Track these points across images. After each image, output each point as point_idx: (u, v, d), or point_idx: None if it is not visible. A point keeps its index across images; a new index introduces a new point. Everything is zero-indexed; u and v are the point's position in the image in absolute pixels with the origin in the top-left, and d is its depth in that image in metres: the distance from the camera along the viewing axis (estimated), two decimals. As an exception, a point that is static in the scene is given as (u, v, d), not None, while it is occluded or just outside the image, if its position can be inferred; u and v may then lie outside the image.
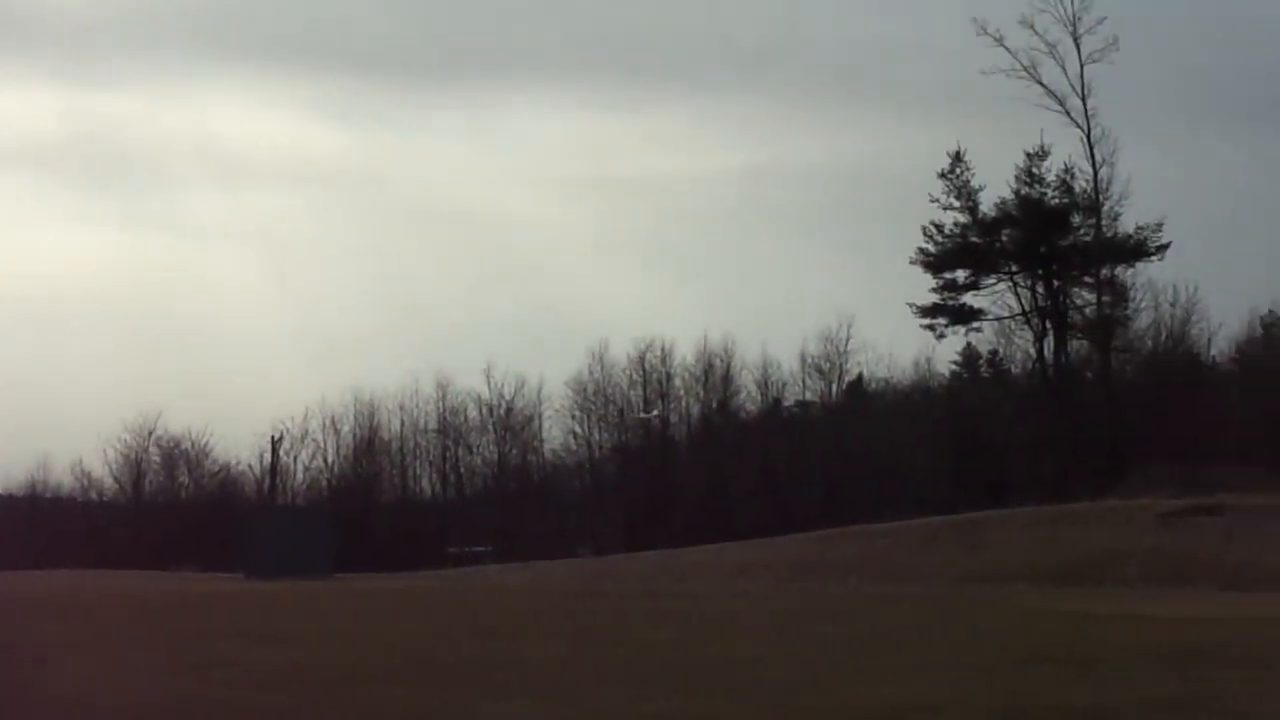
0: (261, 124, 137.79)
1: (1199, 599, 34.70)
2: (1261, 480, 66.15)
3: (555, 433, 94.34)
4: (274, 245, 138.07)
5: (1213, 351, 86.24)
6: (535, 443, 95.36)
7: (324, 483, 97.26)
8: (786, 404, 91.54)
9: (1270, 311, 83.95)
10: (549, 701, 14.70)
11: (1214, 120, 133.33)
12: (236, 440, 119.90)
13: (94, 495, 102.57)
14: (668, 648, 21.62)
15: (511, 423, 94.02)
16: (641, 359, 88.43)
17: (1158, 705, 13.79)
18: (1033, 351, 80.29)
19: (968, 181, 78.02)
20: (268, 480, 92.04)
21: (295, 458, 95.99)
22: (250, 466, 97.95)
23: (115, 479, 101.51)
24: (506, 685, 16.32)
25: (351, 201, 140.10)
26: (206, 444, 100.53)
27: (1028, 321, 79.48)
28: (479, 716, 13.93)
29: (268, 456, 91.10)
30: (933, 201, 78.52)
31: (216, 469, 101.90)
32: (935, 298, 78.97)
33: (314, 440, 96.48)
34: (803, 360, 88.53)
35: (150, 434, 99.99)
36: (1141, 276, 79.34)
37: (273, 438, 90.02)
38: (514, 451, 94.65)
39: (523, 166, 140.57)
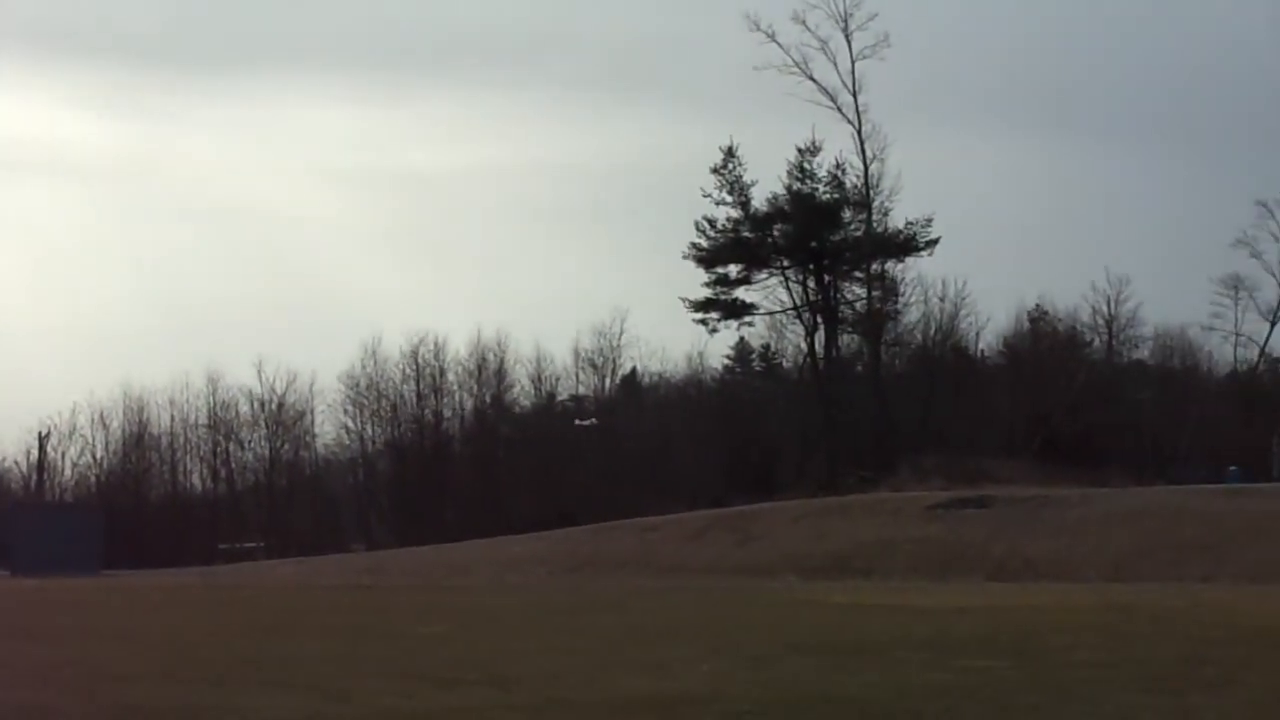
0: (20, 116, 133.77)
1: (965, 589, 35.24)
2: (1027, 472, 67.63)
3: (328, 428, 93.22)
4: (38, 240, 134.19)
5: (981, 345, 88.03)
6: (307, 438, 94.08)
7: (92, 479, 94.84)
8: (560, 398, 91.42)
9: (1037, 306, 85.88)
10: (316, 697, 14.28)
11: (984, 117, 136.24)
12: (2, 436, 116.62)
13: None
14: (437, 642, 21.29)
15: (283, 417, 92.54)
16: (415, 353, 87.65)
17: (923, 693, 13.78)
18: (804, 345, 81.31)
19: (740, 177, 78.66)
20: (34, 476, 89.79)
21: (63, 454, 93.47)
22: (16, 463, 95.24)
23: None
24: (275, 681, 15.87)
25: (119, 195, 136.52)
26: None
27: (799, 316, 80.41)
28: (246, 712, 13.45)
29: (35, 453, 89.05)
30: (705, 196, 79.09)
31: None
32: (708, 292, 79.56)
33: (82, 436, 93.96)
34: (576, 354, 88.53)
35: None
36: (911, 271, 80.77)
37: (40, 434, 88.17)
38: (286, 446, 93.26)
39: (292, 159, 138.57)
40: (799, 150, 78.72)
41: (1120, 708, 12.76)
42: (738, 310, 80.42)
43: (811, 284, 79.72)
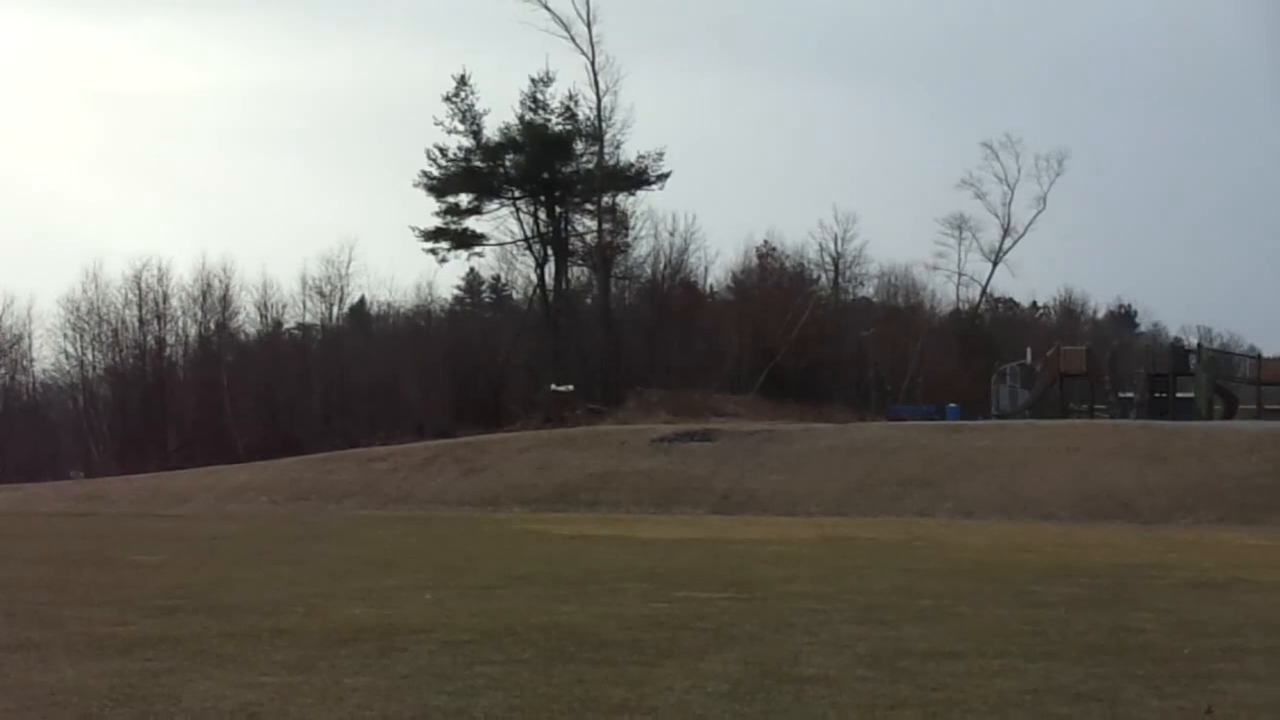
0: None
1: (689, 522, 35.64)
2: (752, 407, 68.70)
3: (46, 352, 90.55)
4: None
5: (710, 280, 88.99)
6: (25, 362, 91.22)
7: None
8: (287, 326, 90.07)
9: (765, 242, 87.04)
10: (28, 624, 13.80)
11: (716, 54, 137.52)
12: None
13: None
14: (155, 570, 20.81)
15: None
16: (138, 278, 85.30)
17: (643, 624, 13.84)
18: (534, 277, 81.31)
19: (472, 106, 78.23)
20: None
21: None
22: None
23: None
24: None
25: None
26: None
27: (529, 247, 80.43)
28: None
29: None
30: (437, 125, 78.51)
31: None
32: (438, 222, 79.16)
33: None
34: (304, 282, 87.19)
35: None
36: (642, 205, 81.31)
37: None
38: (2, 371, 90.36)
39: (15, 78, 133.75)
40: (532, 81, 78.56)
41: (837, 637, 12.96)
42: (468, 240, 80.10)
43: (542, 215, 79.74)
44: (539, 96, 78.52)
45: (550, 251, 79.77)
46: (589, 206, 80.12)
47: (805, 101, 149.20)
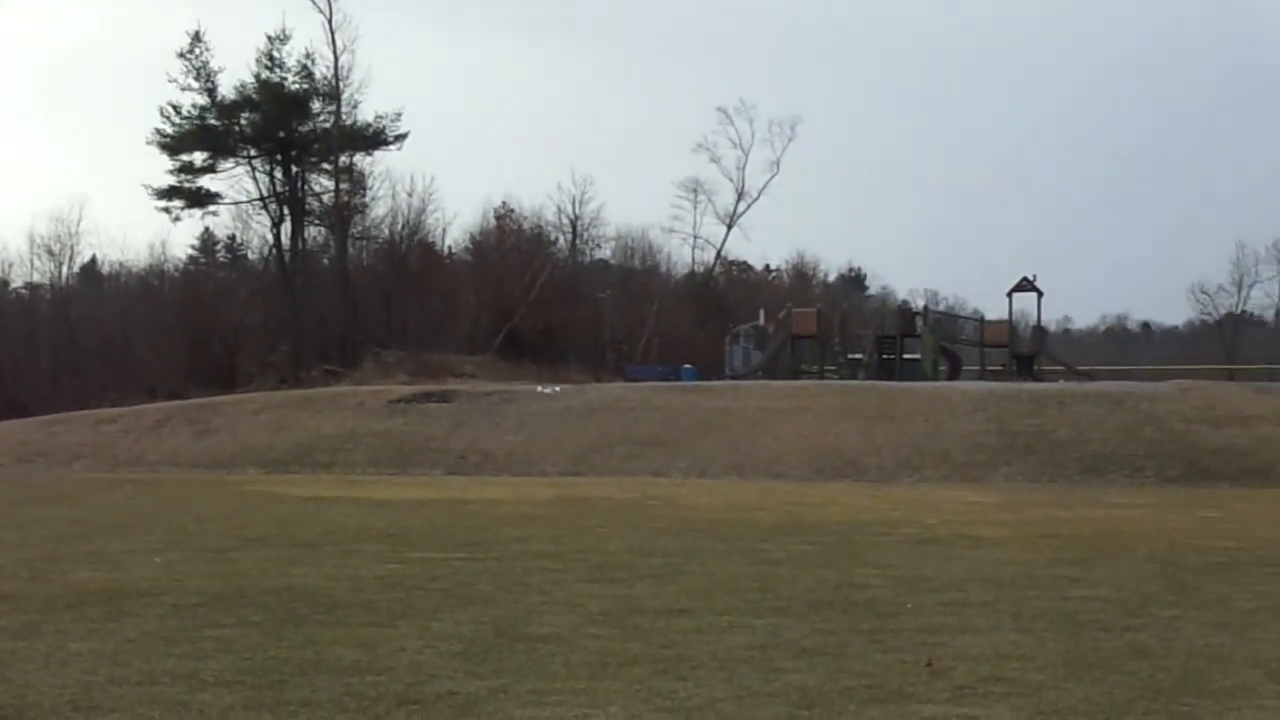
0: None
1: (425, 483, 35.54)
2: (490, 368, 68.67)
3: None
4: None
5: (448, 241, 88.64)
6: None
7: None
8: (14, 285, 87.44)
9: (503, 204, 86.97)
10: None
11: (455, 14, 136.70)
12: None
13: None
14: None
15: None
16: None
17: (377, 585, 13.81)
18: (270, 237, 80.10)
19: (207, 63, 76.76)
20: None
21: None
22: None
23: None
24: None
25: None
26: None
27: (265, 207, 79.20)
28: None
29: None
30: (171, 82, 76.83)
31: None
32: (172, 180, 77.51)
33: None
34: (31, 241, 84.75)
35: None
36: (380, 165, 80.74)
37: None
38: None
39: None
40: (268, 38, 77.31)
41: (570, 596, 13.07)
42: (202, 199, 78.67)
43: (279, 175, 78.58)
44: (275, 55, 77.34)
45: (286, 211, 78.64)
46: (326, 166, 79.23)
47: (544, 64, 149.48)
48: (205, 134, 76.95)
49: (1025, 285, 67.69)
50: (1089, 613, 12.15)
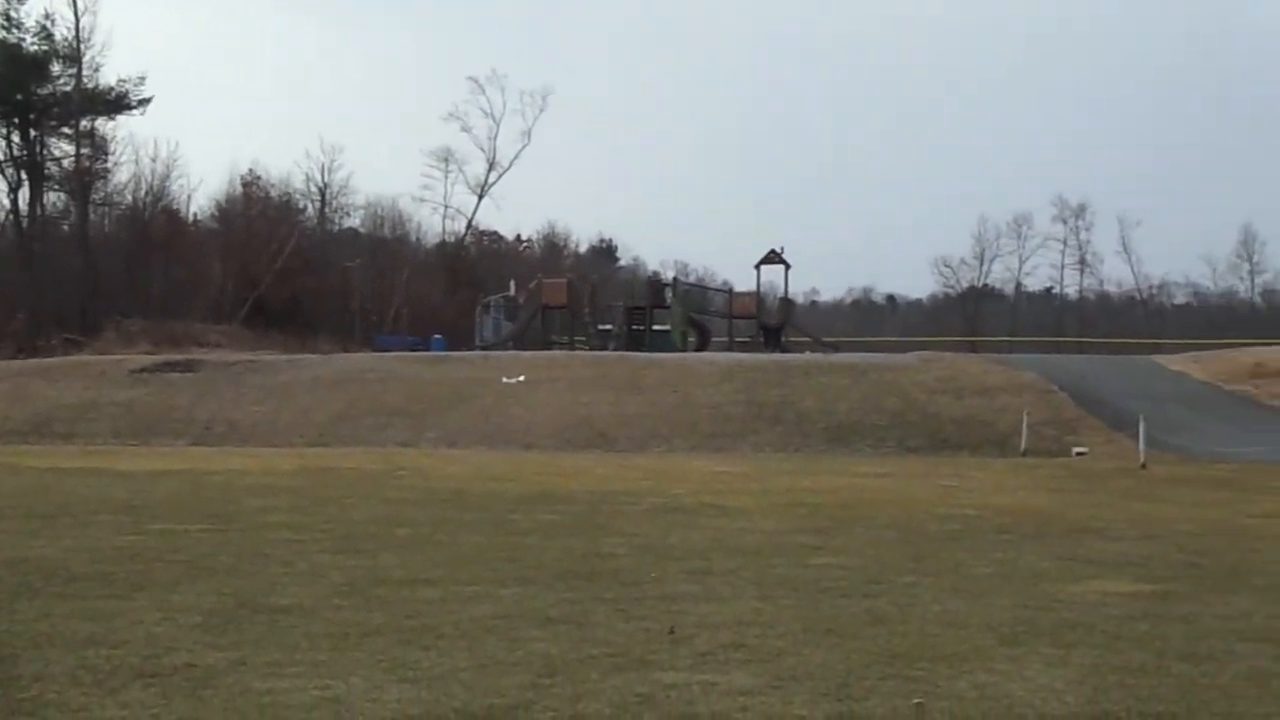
0: None
1: (168, 453, 34.87)
2: (236, 337, 67.63)
3: None
4: None
5: (193, 208, 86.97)
6: None
7: None
8: None
9: (250, 171, 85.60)
10: None
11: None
12: None
13: None
14: None
15: None
16: None
17: (116, 557, 13.50)
18: (7, 203, 77.80)
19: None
20: None
21: None
22: None
23: None
24: None
25: None
26: None
27: (2, 172, 76.89)
28: None
29: None
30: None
31: None
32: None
33: None
34: None
35: None
36: (123, 130, 78.84)
37: None
38: None
39: None
40: (5, -1, 74.97)
41: (314, 567, 12.92)
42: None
43: (17, 139, 76.35)
44: (13, 14, 75.15)
45: (24, 176, 76.42)
46: (66, 130, 77.18)
47: (293, 31, 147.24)
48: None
49: (773, 258, 68.70)
50: (829, 580, 12.36)
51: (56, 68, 76.31)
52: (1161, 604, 11.23)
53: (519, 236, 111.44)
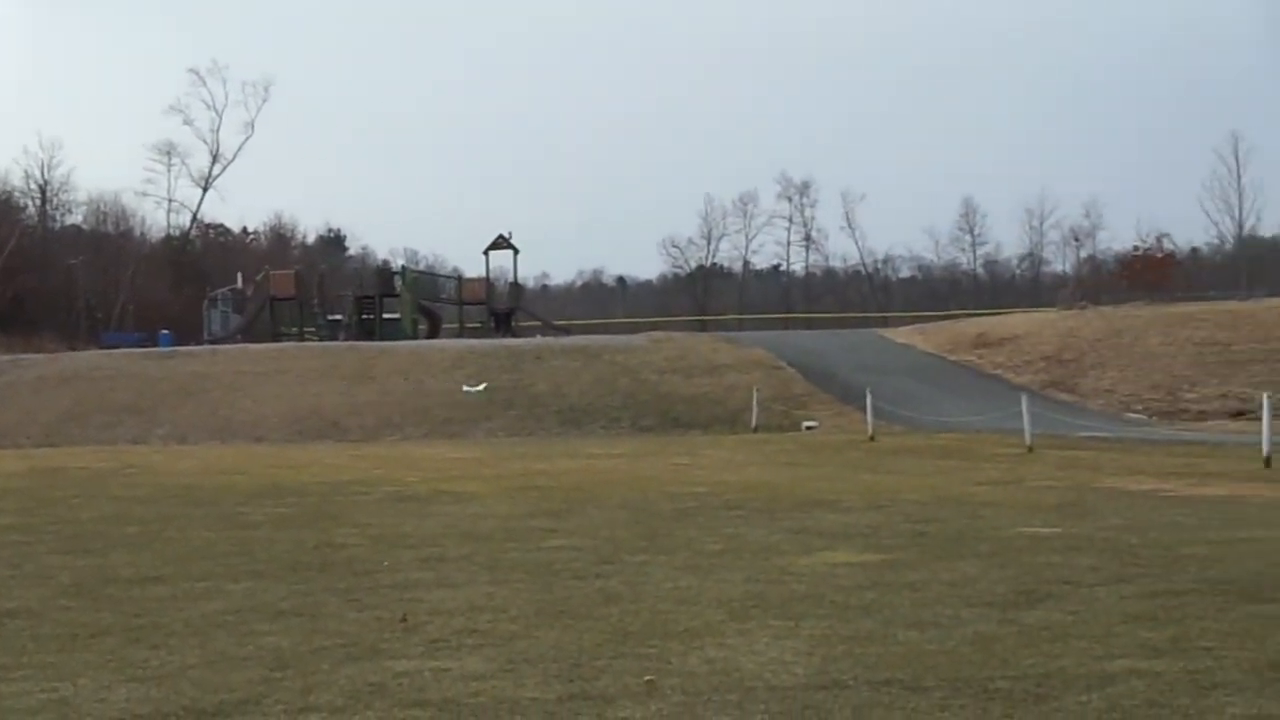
0: None
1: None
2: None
3: None
4: None
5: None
6: None
7: None
8: None
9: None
10: None
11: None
12: None
13: None
14: None
15: None
16: None
17: None
18: None
19: None
20: None
21: None
22: None
23: None
24: None
25: None
26: None
27: None
28: None
29: None
30: None
31: None
32: None
33: None
34: None
35: None
36: None
37: None
38: None
39: None
40: None
41: (41, 569, 12.60)
42: None
43: None
44: None
45: None
46: None
47: (3, 23, 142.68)
48: None
49: (501, 243, 68.70)
50: (562, 562, 12.43)
51: None
52: (889, 573, 11.51)
53: (245, 229, 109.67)
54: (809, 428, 38.45)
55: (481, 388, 26.57)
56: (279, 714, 6.97)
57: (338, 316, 64.38)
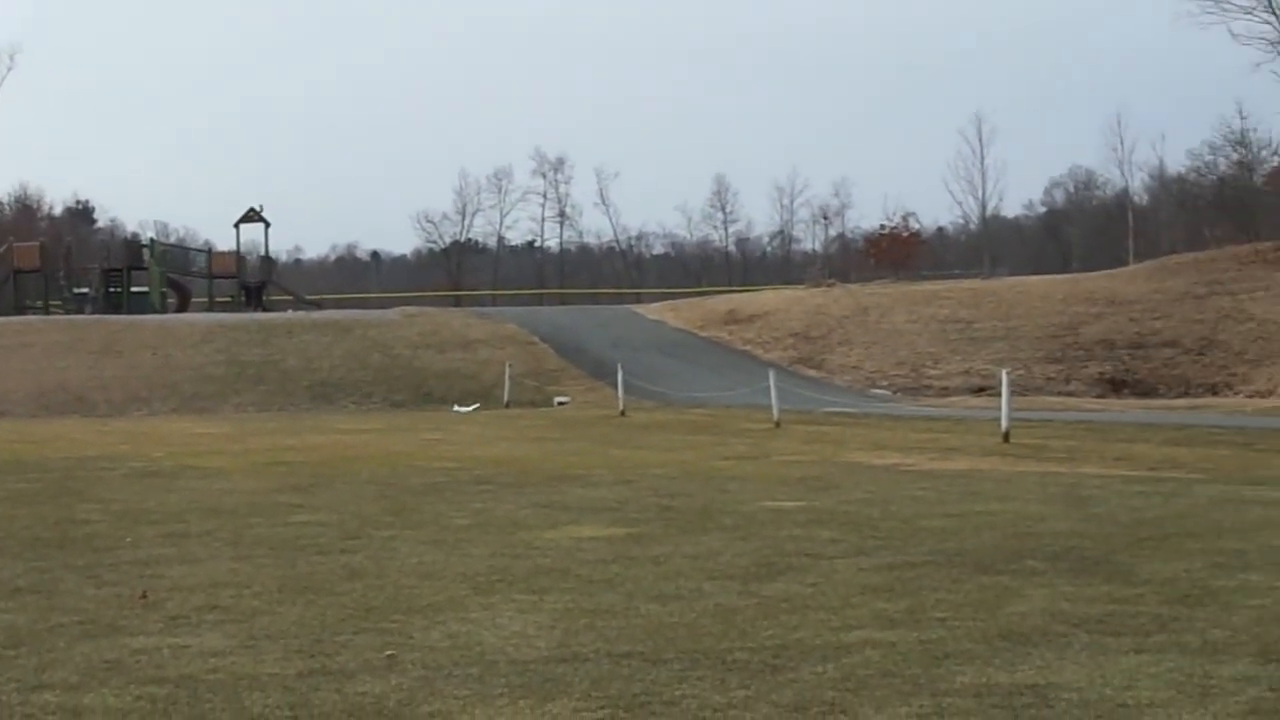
0: None
1: None
2: None
3: None
4: None
5: None
6: None
7: None
8: None
9: None
10: None
11: None
12: None
13: None
14: None
15: None
16: None
17: None
18: None
19: None
20: None
21: None
22: None
23: None
24: None
25: None
26: None
27: None
28: None
29: None
30: None
31: None
32: None
33: None
34: None
35: None
36: None
37: None
38: None
39: None
40: None
41: None
42: None
43: None
44: None
45: None
46: None
47: None
48: None
49: (253, 216, 67.65)
50: (308, 538, 12.34)
51: None
52: (634, 546, 11.63)
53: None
54: (561, 403, 38.61)
55: (473, 408, 25.87)
56: (11, 691, 6.83)
57: (84, 290, 62.81)
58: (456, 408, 26.83)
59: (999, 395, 25.77)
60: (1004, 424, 24.46)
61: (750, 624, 8.32)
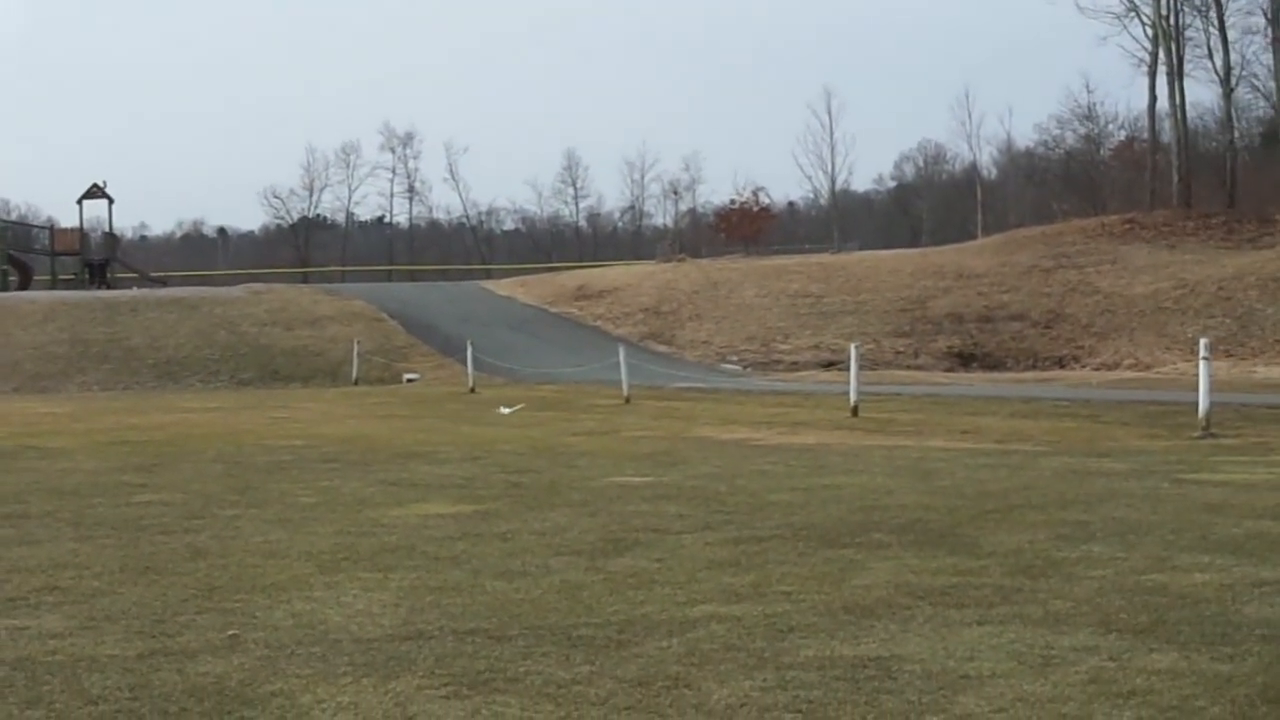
0: None
1: None
2: None
3: None
4: None
5: None
6: None
7: None
8: None
9: None
10: None
11: None
12: None
13: None
14: None
15: None
16: None
17: None
18: None
19: None
20: None
21: None
22: None
23: None
24: None
25: None
26: None
27: None
28: None
29: None
30: None
31: None
32: None
33: None
34: None
35: None
36: None
37: None
38: None
39: None
40: None
41: None
42: None
43: None
44: None
45: None
46: None
47: None
48: None
49: (96, 192, 66.56)
50: (151, 518, 12.18)
51: None
52: (481, 523, 11.62)
53: None
54: (410, 380, 38.43)
55: (519, 407, 25.08)
56: None
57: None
58: (503, 409, 25.99)
59: (848, 369, 26.04)
60: (853, 398, 24.73)
61: (596, 600, 8.34)
